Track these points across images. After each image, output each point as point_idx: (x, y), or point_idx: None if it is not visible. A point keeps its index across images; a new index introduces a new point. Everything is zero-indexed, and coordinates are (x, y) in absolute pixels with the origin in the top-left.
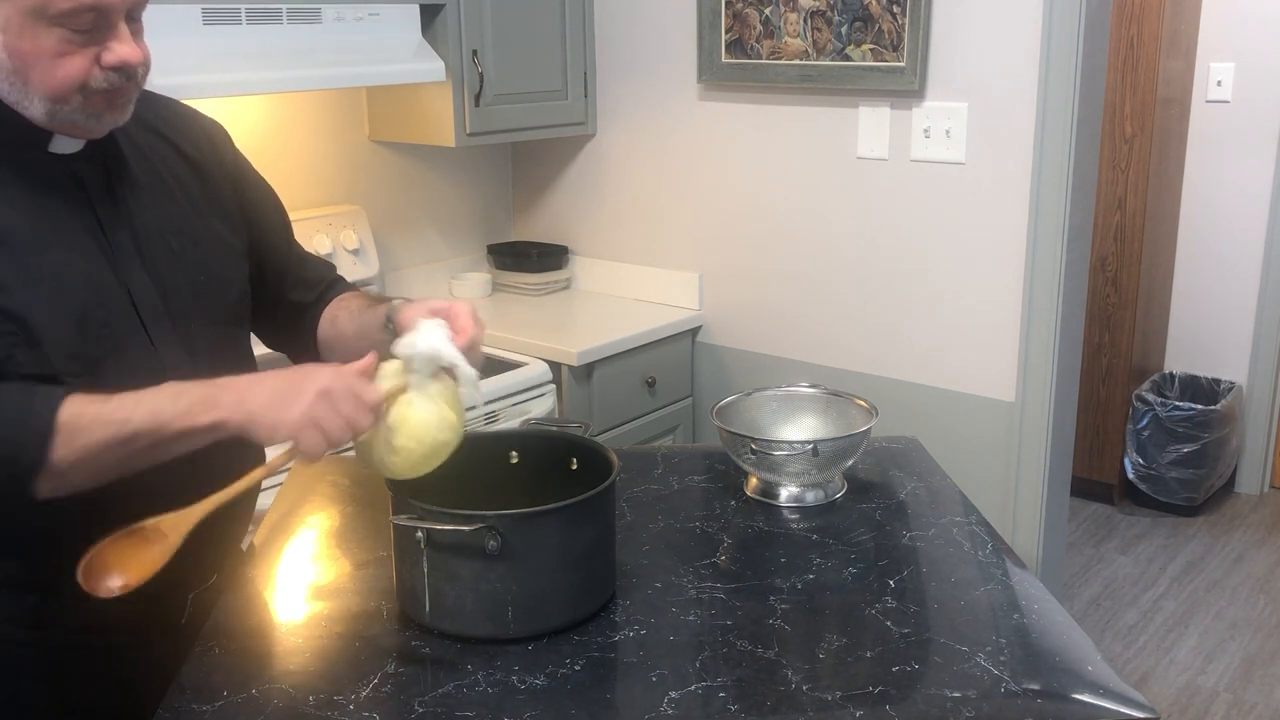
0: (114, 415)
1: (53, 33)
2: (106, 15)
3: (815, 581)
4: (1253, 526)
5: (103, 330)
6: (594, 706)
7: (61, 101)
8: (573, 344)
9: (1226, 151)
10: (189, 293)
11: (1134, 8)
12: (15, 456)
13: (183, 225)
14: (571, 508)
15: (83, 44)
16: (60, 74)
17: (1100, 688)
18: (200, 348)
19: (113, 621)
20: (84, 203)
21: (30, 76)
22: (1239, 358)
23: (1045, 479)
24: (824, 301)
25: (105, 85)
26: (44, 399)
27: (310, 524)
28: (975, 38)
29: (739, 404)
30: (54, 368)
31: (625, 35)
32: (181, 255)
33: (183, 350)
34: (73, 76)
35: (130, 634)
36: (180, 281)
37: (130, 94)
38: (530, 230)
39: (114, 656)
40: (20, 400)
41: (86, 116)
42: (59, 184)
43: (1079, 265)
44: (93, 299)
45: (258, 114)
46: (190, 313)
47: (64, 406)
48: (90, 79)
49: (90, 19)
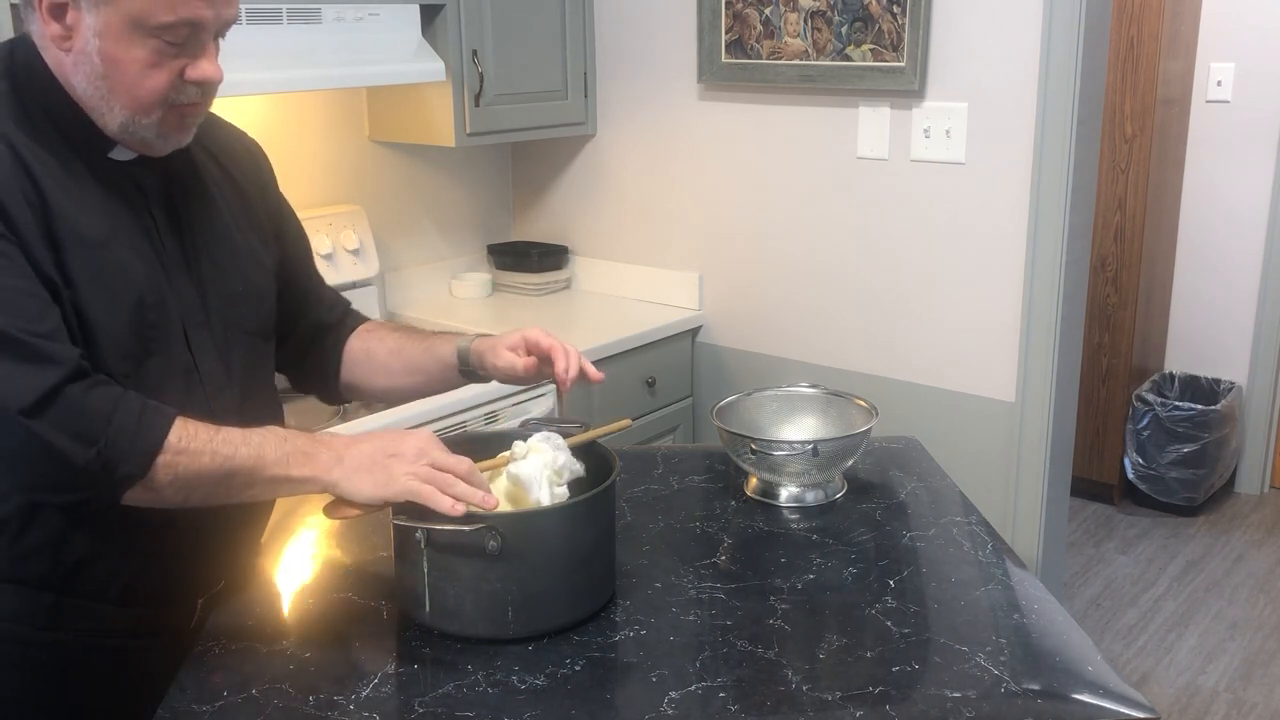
0: (220, 448)
1: (147, 44)
2: (200, 31)
3: (815, 581)
4: (1253, 526)
5: (151, 332)
6: (594, 706)
7: (143, 113)
8: (573, 344)
9: (1226, 151)
10: (227, 303)
11: (1134, 8)
12: (116, 464)
13: (225, 236)
14: (571, 508)
15: (173, 56)
16: (148, 85)
17: (1100, 688)
18: (234, 357)
19: (124, 623)
20: (143, 206)
21: (117, 84)
22: (1239, 358)
23: (1045, 479)
24: (824, 301)
25: (185, 100)
26: (156, 415)
27: (310, 524)
28: (975, 38)
29: (739, 404)
30: (106, 366)
31: (625, 35)
32: (222, 266)
33: (217, 358)
34: (159, 89)
35: (141, 636)
36: (221, 290)
37: (200, 114)
38: (530, 230)
39: (125, 658)
40: (137, 410)
41: (157, 135)
42: (122, 186)
43: (1079, 265)
44: (146, 300)
45: (258, 114)
46: (227, 322)
47: (175, 427)
48: (173, 92)
49: (185, 33)
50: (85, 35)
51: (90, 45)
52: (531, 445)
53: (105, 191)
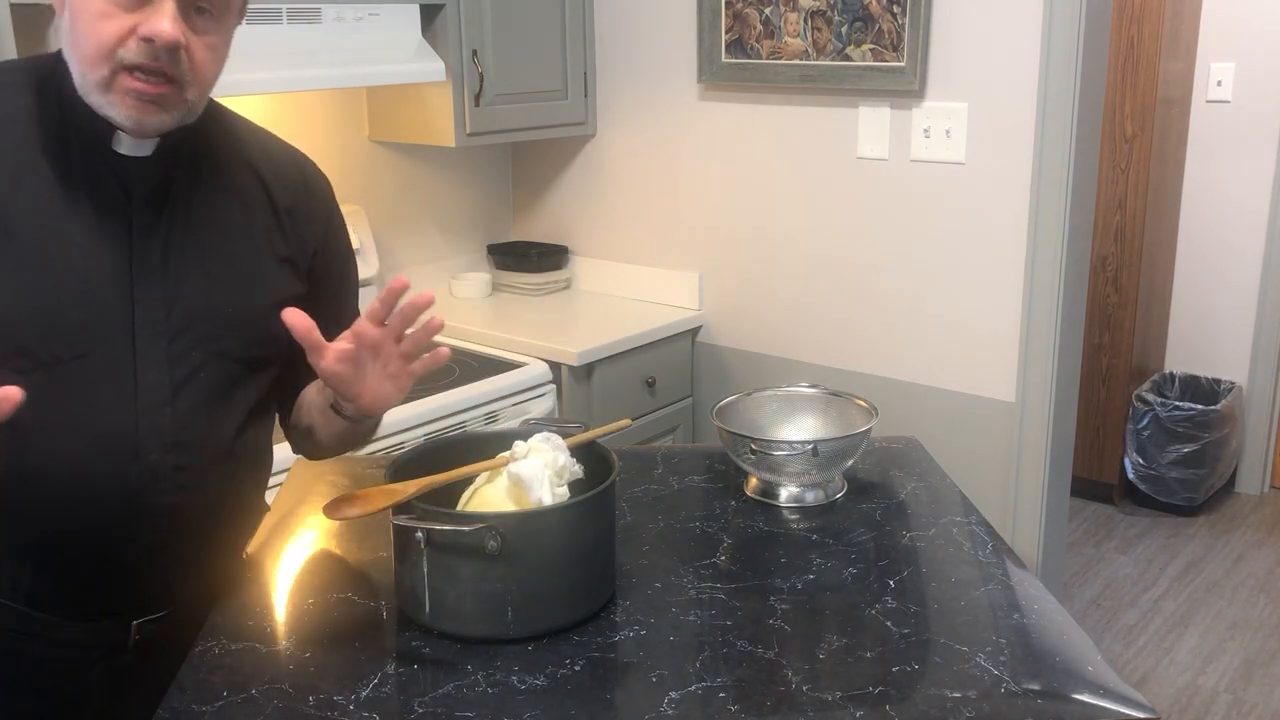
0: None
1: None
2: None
3: (815, 581)
4: (1253, 527)
5: (77, 332)
6: (594, 707)
7: (90, 67)
8: (573, 344)
9: (1226, 151)
10: (204, 319)
11: (1134, 8)
12: None
13: (234, 255)
14: (571, 508)
15: (127, 10)
16: (95, 34)
17: (1100, 688)
18: (195, 376)
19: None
20: (120, 208)
21: (76, 37)
22: (1239, 358)
23: (1045, 479)
24: (824, 301)
25: (131, 60)
26: None
27: (310, 524)
28: (975, 38)
29: (739, 404)
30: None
31: (625, 35)
32: (215, 281)
33: (165, 372)
34: (104, 40)
35: (65, 646)
36: (200, 305)
37: (161, 96)
38: (530, 230)
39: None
40: None
41: (118, 110)
42: (102, 183)
43: (1079, 265)
44: (75, 301)
45: (258, 114)
46: (197, 339)
47: None
48: (120, 47)
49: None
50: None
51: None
52: (531, 445)
53: (78, 191)
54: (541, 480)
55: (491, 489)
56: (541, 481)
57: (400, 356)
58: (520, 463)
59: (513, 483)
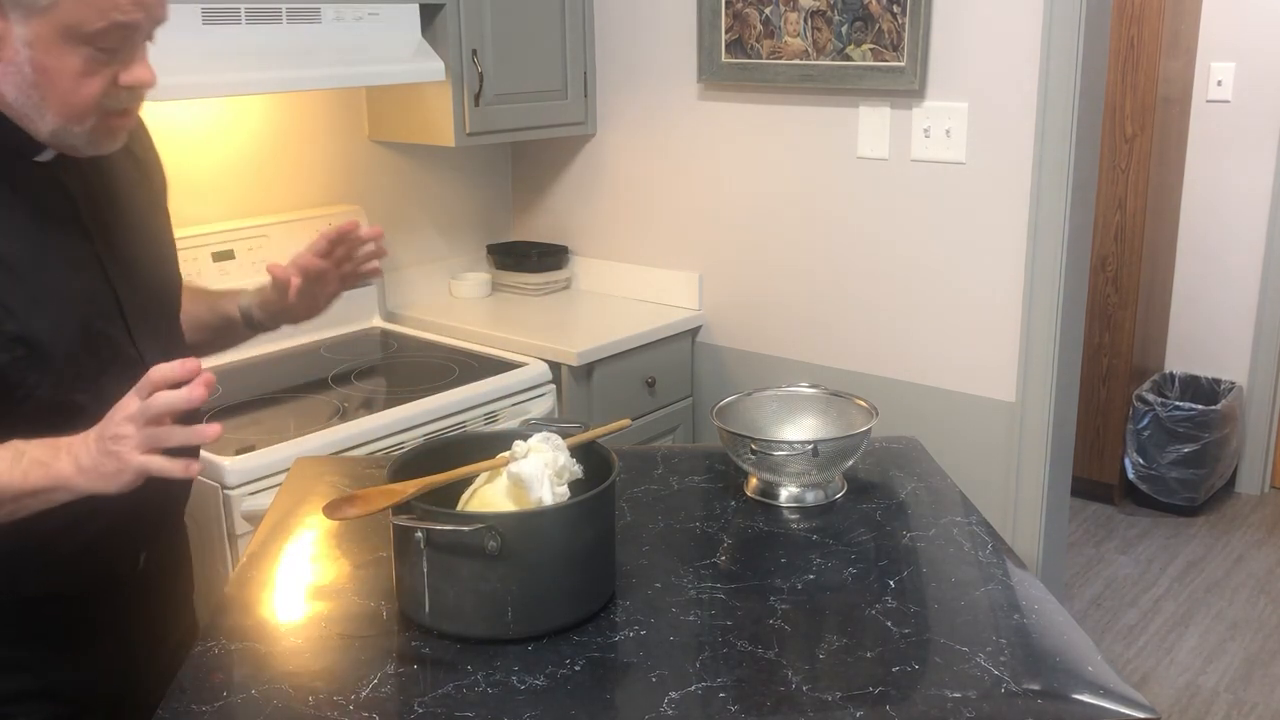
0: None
1: (80, 52)
2: (132, 35)
3: (815, 581)
4: (1253, 527)
5: (101, 340)
6: (594, 707)
7: (75, 121)
8: (573, 344)
9: (1226, 151)
10: (157, 289)
11: (1134, 8)
12: None
13: (141, 224)
14: (571, 508)
15: (105, 64)
16: (82, 93)
17: (1100, 688)
18: (171, 343)
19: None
20: (71, 213)
21: (50, 94)
22: (1239, 358)
23: (1045, 479)
24: (824, 302)
25: (117, 106)
26: None
27: (310, 524)
28: (975, 38)
29: (739, 404)
30: (66, 387)
31: (625, 35)
32: (145, 253)
33: (157, 348)
34: (92, 97)
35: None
36: (149, 279)
37: (131, 123)
38: (530, 230)
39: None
40: None
41: (88, 143)
42: (48, 195)
43: (1079, 265)
44: (92, 311)
45: (257, 114)
46: (162, 310)
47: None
48: (106, 99)
49: (118, 39)
50: (16, 46)
51: (21, 56)
52: (531, 445)
53: (31, 208)
54: (541, 480)
55: (491, 489)
56: (541, 481)
57: (340, 279)
58: (520, 463)
59: (513, 483)
